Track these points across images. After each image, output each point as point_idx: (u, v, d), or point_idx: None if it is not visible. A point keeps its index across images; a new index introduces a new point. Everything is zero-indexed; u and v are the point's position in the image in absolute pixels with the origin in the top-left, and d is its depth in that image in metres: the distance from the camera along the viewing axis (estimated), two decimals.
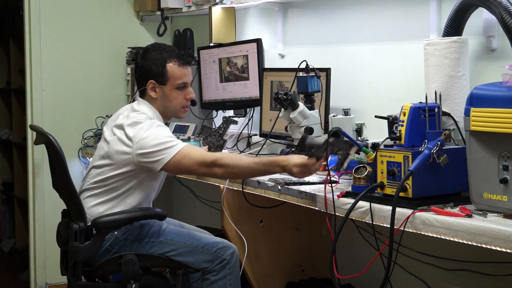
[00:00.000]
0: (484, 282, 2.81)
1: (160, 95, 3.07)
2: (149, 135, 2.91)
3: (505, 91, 2.23)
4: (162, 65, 3.06)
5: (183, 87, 3.09)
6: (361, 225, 3.18)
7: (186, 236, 3.04)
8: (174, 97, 3.08)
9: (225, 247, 3.01)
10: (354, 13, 3.48)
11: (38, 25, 4.54)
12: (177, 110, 3.11)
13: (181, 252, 2.99)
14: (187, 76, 3.10)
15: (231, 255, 3.00)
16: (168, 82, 3.06)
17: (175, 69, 3.07)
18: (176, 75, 3.07)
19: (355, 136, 2.95)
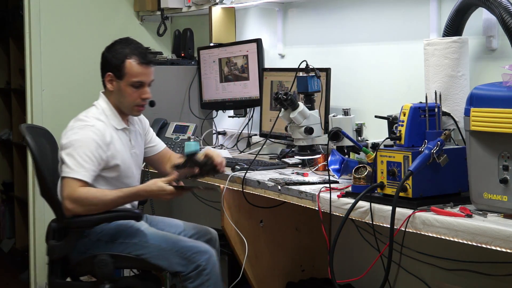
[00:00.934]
0: (484, 282, 2.81)
1: (115, 89, 3.08)
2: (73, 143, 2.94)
3: (505, 91, 2.23)
4: (121, 59, 3.05)
5: (138, 85, 3.06)
6: (361, 225, 3.18)
7: (161, 238, 3.02)
8: (128, 93, 3.06)
9: (200, 252, 2.97)
10: (354, 13, 3.49)
11: (38, 25, 4.54)
12: (131, 108, 3.09)
13: (154, 255, 2.98)
14: (145, 75, 3.06)
15: (206, 260, 2.96)
16: (124, 77, 3.05)
17: (134, 66, 3.05)
18: (133, 72, 3.05)
19: (355, 136, 2.95)
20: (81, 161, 2.91)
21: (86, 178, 2.91)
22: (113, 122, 3.08)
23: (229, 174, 3.21)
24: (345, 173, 2.81)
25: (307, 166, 3.33)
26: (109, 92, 3.11)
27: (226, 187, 3.22)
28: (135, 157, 3.17)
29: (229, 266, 3.62)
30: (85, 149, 2.93)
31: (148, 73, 3.08)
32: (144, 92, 3.08)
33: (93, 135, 2.96)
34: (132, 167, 3.13)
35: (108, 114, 3.08)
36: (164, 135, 3.91)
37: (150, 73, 3.10)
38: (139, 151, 3.21)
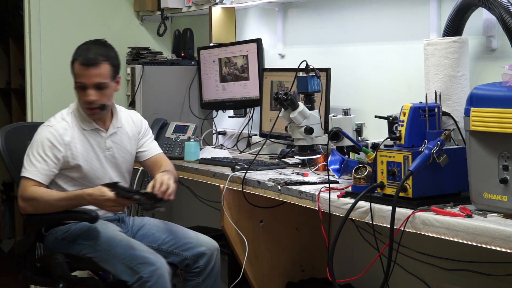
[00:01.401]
0: (484, 282, 2.81)
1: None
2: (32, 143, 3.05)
3: (505, 91, 2.23)
4: (71, 61, 3.10)
5: (82, 87, 3.05)
6: (361, 225, 3.18)
7: (115, 243, 2.94)
8: (77, 95, 3.09)
9: (146, 264, 2.84)
10: (354, 13, 3.49)
11: (38, 25, 4.54)
12: (82, 108, 3.10)
13: (103, 259, 2.94)
14: (85, 77, 3.02)
15: (151, 273, 2.81)
16: (74, 79, 3.10)
17: (76, 68, 3.06)
18: (76, 73, 3.07)
19: (355, 136, 2.95)
20: (33, 161, 3.00)
21: (37, 177, 2.98)
22: (80, 123, 3.10)
23: (229, 174, 3.21)
24: (345, 173, 2.81)
25: (307, 166, 3.33)
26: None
27: (226, 187, 3.22)
28: (112, 159, 3.16)
29: (229, 266, 3.62)
30: (39, 148, 3.01)
31: (88, 74, 3.02)
32: (86, 94, 3.04)
33: (48, 135, 3.03)
34: (105, 169, 3.13)
35: (76, 115, 3.12)
36: (164, 135, 3.91)
37: (91, 75, 3.02)
38: (121, 153, 3.20)
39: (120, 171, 3.20)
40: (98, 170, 3.12)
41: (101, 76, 3.05)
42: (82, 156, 3.08)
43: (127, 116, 3.27)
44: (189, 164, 3.59)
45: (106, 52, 3.10)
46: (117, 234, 3.02)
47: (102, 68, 3.05)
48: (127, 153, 3.23)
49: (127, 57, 4.62)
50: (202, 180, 3.45)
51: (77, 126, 3.10)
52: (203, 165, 3.53)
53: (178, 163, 3.63)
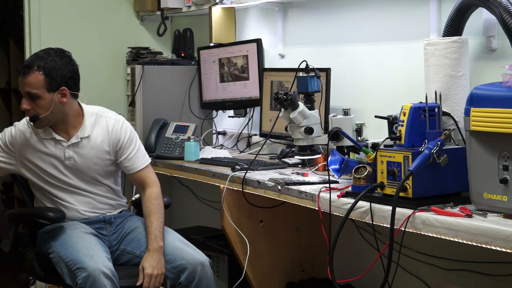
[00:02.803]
0: (484, 282, 2.81)
1: None
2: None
3: (505, 91, 2.23)
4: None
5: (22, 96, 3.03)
6: (361, 225, 3.19)
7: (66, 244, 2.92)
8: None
9: (82, 269, 2.77)
10: (354, 13, 3.49)
11: (38, 25, 4.54)
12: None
13: (55, 260, 2.94)
14: (20, 85, 3.01)
15: (84, 279, 2.74)
16: None
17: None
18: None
19: (355, 136, 2.95)
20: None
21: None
22: (39, 131, 3.09)
23: (229, 174, 3.21)
24: (345, 173, 2.81)
25: (307, 166, 3.33)
26: None
27: (226, 187, 3.22)
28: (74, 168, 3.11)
29: (229, 266, 3.62)
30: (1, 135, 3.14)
31: (21, 83, 3.00)
32: (22, 102, 3.02)
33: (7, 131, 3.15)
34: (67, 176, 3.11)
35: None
36: (164, 135, 3.91)
37: (23, 83, 2.99)
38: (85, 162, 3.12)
39: (85, 179, 3.14)
40: (58, 178, 3.11)
41: (30, 85, 2.98)
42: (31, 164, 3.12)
43: (103, 124, 3.16)
44: (189, 164, 3.59)
45: (44, 62, 2.99)
46: (76, 235, 2.97)
47: (33, 78, 2.98)
48: (91, 162, 3.13)
49: (127, 57, 4.62)
50: (202, 180, 3.45)
51: (35, 133, 3.10)
52: (203, 165, 3.53)
53: (178, 163, 3.63)
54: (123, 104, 4.61)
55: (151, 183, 3.14)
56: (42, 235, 3.10)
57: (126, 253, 3.07)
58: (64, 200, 3.13)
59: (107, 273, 2.77)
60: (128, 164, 3.17)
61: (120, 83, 4.76)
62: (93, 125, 3.15)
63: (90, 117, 3.17)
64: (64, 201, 3.13)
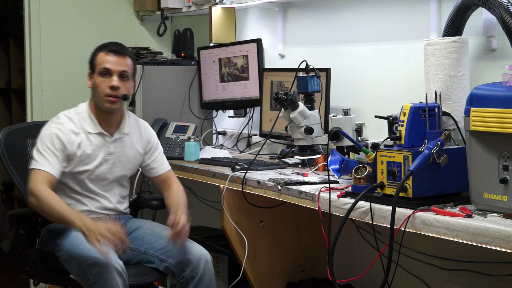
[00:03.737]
0: (484, 282, 2.81)
1: (93, 85, 3.13)
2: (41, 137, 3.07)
3: (505, 91, 2.23)
4: (94, 54, 3.15)
5: (106, 73, 3.07)
6: (361, 225, 3.18)
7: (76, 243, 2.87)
8: (98, 84, 3.09)
9: (93, 265, 2.77)
10: (354, 13, 3.49)
11: (38, 25, 4.54)
12: (101, 98, 3.08)
13: (64, 259, 2.92)
14: (110, 63, 3.07)
15: (96, 275, 2.75)
16: (95, 69, 3.12)
17: (101, 56, 3.11)
18: (99, 60, 3.10)
19: (355, 136, 2.95)
20: (44, 154, 3.00)
21: (49, 169, 2.98)
22: (85, 125, 3.10)
23: (229, 174, 3.21)
24: (345, 173, 2.81)
25: (307, 166, 3.33)
26: (91, 93, 3.16)
27: (226, 187, 3.22)
28: (112, 164, 3.13)
29: (229, 266, 3.62)
30: (47, 142, 3.02)
31: (114, 61, 3.08)
32: (111, 80, 3.06)
33: (58, 132, 3.05)
34: (104, 173, 3.11)
35: (83, 117, 3.12)
36: (164, 135, 3.91)
37: (118, 62, 3.09)
38: (123, 160, 3.16)
39: (118, 177, 3.17)
40: (99, 174, 3.11)
41: (127, 66, 3.11)
42: (87, 159, 3.07)
43: (135, 124, 3.24)
44: (189, 164, 3.59)
45: (129, 51, 3.20)
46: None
47: (128, 60, 3.12)
48: (128, 161, 3.18)
49: None
50: (202, 180, 3.45)
51: (83, 128, 3.10)
52: (203, 165, 3.53)
53: (178, 163, 3.63)
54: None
55: (174, 180, 3.27)
56: (46, 234, 3.09)
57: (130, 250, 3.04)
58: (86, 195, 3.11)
59: (118, 269, 2.78)
60: (155, 166, 3.25)
61: None
62: (130, 124, 3.20)
63: (128, 114, 3.24)
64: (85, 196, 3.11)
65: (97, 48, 3.17)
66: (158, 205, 3.34)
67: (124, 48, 3.16)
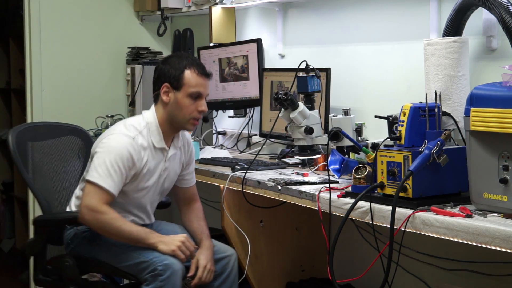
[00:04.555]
0: (484, 282, 2.81)
1: (172, 101, 2.93)
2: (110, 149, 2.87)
3: (505, 91, 2.23)
4: (180, 70, 2.92)
5: (196, 96, 2.93)
6: (361, 225, 3.19)
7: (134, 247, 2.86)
8: (185, 105, 2.92)
9: (161, 257, 2.79)
10: (354, 13, 3.49)
11: (38, 25, 4.54)
12: (186, 121, 2.94)
13: (117, 259, 2.87)
14: (203, 86, 2.94)
15: (165, 266, 2.75)
16: (182, 88, 2.91)
17: (192, 76, 2.92)
18: (192, 82, 2.91)
19: (355, 136, 2.95)
20: (111, 170, 2.83)
21: (113, 190, 2.84)
22: (153, 139, 2.95)
23: (229, 174, 3.21)
24: (345, 173, 2.81)
25: (307, 166, 3.33)
26: (162, 106, 2.96)
27: (226, 187, 3.22)
28: (161, 180, 3.02)
29: None
30: (117, 158, 2.84)
31: (205, 84, 2.96)
32: (201, 104, 2.94)
33: (130, 147, 2.87)
34: (155, 189, 3.02)
35: (151, 130, 2.95)
36: None
37: (207, 86, 2.98)
38: (169, 175, 3.06)
39: (164, 190, 3.09)
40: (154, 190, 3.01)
41: (209, 88, 3.03)
42: (148, 175, 2.95)
43: (183, 137, 3.11)
44: None
45: None
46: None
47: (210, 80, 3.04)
48: (174, 174, 3.10)
49: (127, 57, 4.63)
50: (202, 180, 3.45)
51: (149, 142, 2.94)
52: (203, 165, 3.53)
53: None
54: (123, 104, 4.62)
55: (197, 197, 3.23)
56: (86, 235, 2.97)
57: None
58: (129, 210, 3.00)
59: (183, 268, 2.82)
60: (189, 178, 3.18)
61: (120, 83, 4.76)
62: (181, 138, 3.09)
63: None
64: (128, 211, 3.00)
65: (180, 62, 2.95)
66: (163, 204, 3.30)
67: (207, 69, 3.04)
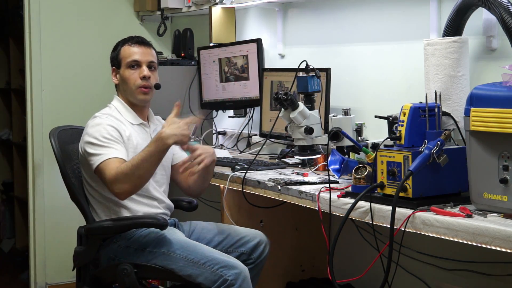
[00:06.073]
0: (484, 282, 2.81)
1: (120, 81, 3.09)
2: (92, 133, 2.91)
3: (505, 91, 2.23)
4: (117, 49, 3.12)
5: (134, 65, 3.04)
6: (361, 225, 3.19)
7: (189, 249, 2.83)
8: (127, 77, 3.04)
9: (228, 267, 2.74)
10: (354, 13, 3.49)
11: (38, 25, 4.54)
12: (133, 91, 3.03)
13: (180, 266, 2.80)
14: (138, 54, 3.06)
15: (236, 275, 2.72)
16: (121, 63, 3.08)
17: (126, 49, 3.08)
18: (126, 54, 3.07)
19: (355, 136, 2.95)
20: (105, 144, 2.87)
21: (119, 154, 2.85)
22: (128, 118, 3.04)
23: (229, 174, 3.21)
24: (345, 173, 2.81)
25: (307, 166, 3.33)
26: (118, 89, 3.12)
27: (226, 187, 3.22)
28: None
29: None
30: (104, 133, 2.90)
31: (141, 52, 3.07)
32: (142, 70, 3.04)
33: (110, 122, 2.95)
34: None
35: (122, 111, 3.05)
36: None
37: (144, 53, 3.08)
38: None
39: (162, 167, 3.06)
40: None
41: (153, 56, 3.11)
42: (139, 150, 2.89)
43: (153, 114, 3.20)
44: None
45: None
46: (188, 239, 2.92)
47: (152, 51, 3.13)
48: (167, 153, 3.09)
49: None
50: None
51: (125, 121, 3.03)
52: None
53: None
54: None
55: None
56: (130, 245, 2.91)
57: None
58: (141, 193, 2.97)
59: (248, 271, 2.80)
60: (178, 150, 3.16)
61: None
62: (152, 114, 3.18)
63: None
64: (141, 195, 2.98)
65: (118, 43, 3.14)
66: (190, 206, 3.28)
67: (145, 39, 3.15)
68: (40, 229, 4.56)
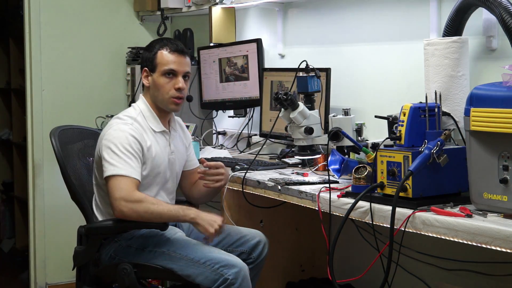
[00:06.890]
0: (484, 282, 2.81)
1: (151, 84, 2.97)
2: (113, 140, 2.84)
3: (505, 91, 2.23)
4: (154, 51, 2.97)
5: (170, 74, 2.94)
6: (361, 225, 3.18)
7: (189, 248, 2.83)
8: (161, 84, 2.93)
9: (228, 266, 2.72)
10: (354, 13, 3.49)
11: (38, 25, 4.54)
12: (165, 100, 2.94)
13: (180, 265, 2.80)
14: (177, 64, 2.94)
15: (235, 274, 2.71)
16: (156, 68, 2.95)
17: (164, 55, 2.95)
18: (164, 60, 2.94)
19: (355, 136, 2.95)
20: (125, 158, 2.81)
21: (136, 175, 2.80)
22: (151, 124, 2.95)
23: (229, 174, 3.21)
24: (345, 173, 2.81)
25: (307, 166, 3.33)
26: (146, 90, 3.01)
27: (226, 187, 3.22)
28: (172, 163, 3.00)
29: None
30: (125, 144, 2.82)
31: (180, 61, 2.95)
32: (177, 81, 2.94)
33: (132, 132, 2.86)
34: (167, 173, 2.98)
35: (146, 115, 2.96)
36: None
37: (182, 63, 2.96)
38: (178, 157, 3.05)
39: (175, 176, 3.06)
40: (162, 174, 2.97)
41: (189, 66, 3.00)
42: (157, 161, 2.92)
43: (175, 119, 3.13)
44: None
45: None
46: (188, 239, 2.92)
47: (189, 60, 3.01)
48: (182, 157, 3.09)
49: (127, 57, 4.63)
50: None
51: (148, 128, 2.94)
52: None
53: None
54: (123, 104, 4.61)
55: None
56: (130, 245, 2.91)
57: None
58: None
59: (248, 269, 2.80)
60: (193, 158, 3.18)
61: (120, 83, 4.76)
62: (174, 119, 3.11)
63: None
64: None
65: (155, 44, 3.00)
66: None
67: (184, 47, 3.02)
68: (40, 229, 4.56)
